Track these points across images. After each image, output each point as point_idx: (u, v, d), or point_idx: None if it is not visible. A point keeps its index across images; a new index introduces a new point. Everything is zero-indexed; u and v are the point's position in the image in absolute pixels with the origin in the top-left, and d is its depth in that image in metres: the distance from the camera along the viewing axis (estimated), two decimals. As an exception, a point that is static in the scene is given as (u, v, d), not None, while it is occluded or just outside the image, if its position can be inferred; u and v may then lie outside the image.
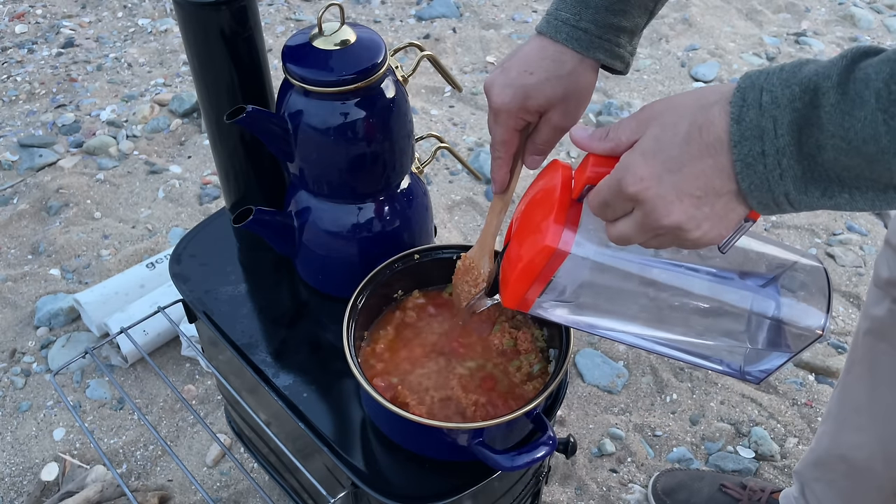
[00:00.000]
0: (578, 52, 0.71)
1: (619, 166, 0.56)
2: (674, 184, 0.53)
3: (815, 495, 1.10)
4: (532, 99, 0.72)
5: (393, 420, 0.82)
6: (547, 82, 0.72)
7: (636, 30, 0.74)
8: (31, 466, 1.39)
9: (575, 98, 0.73)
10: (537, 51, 0.72)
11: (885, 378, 0.92)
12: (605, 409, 1.49)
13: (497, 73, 0.74)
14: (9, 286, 1.71)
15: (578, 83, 0.73)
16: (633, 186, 0.54)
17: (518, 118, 0.74)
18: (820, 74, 0.48)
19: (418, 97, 2.27)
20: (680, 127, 0.53)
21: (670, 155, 0.53)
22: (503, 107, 0.73)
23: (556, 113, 0.74)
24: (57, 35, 2.57)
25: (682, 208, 0.53)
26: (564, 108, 0.73)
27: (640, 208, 0.55)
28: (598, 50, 0.72)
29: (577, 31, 0.71)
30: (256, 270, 1.06)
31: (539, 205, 0.68)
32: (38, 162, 2.04)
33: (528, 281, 0.66)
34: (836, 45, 2.53)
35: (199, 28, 0.86)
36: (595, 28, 0.71)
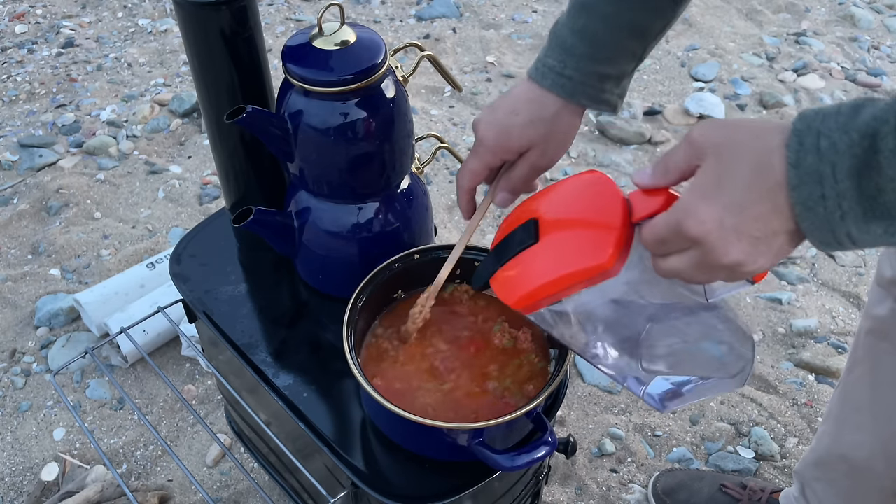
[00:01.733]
0: (562, 98, 0.75)
1: (680, 207, 0.56)
2: (735, 226, 0.53)
3: (816, 495, 1.10)
4: (514, 138, 0.76)
5: (393, 420, 0.82)
6: (530, 124, 0.75)
7: (623, 75, 0.76)
8: (31, 466, 1.39)
9: (555, 140, 0.77)
10: (524, 93, 0.76)
11: (886, 378, 0.92)
12: (605, 409, 1.49)
13: (486, 112, 0.78)
14: (9, 286, 1.71)
15: (559, 127, 0.77)
16: (694, 230, 0.54)
17: (497, 155, 0.77)
18: (878, 119, 0.49)
19: (418, 97, 2.27)
20: (740, 170, 0.53)
21: (732, 199, 0.53)
22: (484, 142, 0.77)
23: (535, 153, 0.77)
24: (57, 35, 2.57)
25: (742, 248, 0.54)
26: (544, 149, 0.77)
27: (699, 248, 0.55)
28: (582, 96, 0.75)
29: (561, 78, 0.74)
30: (256, 270, 1.06)
31: (586, 211, 0.66)
32: (38, 162, 2.04)
33: (560, 288, 0.64)
34: (836, 45, 2.53)
35: (199, 28, 0.86)
36: (579, 75, 0.74)
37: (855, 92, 2.33)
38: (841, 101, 0.52)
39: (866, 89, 2.34)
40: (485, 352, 0.88)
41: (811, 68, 2.40)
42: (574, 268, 0.63)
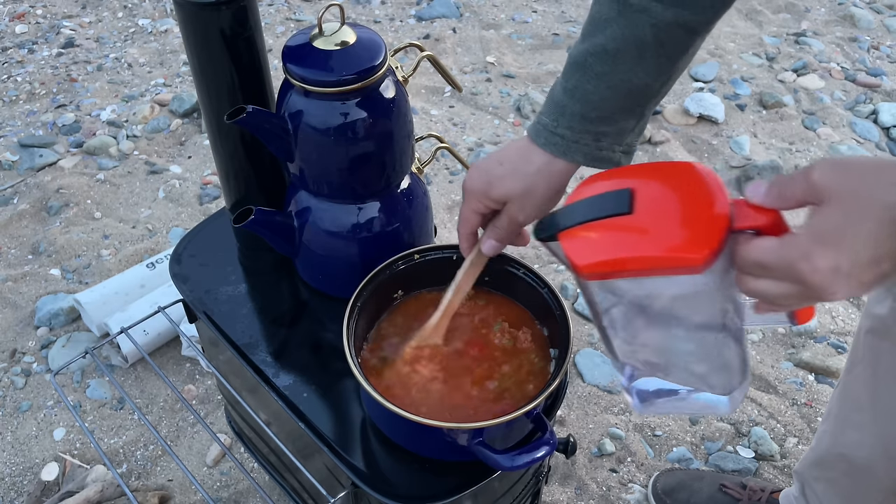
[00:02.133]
0: (555, 156, 0.75)
1: (795, 245, 0.55)
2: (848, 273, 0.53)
3: (816, 495, 1.11)
4: (494, 188, 0.77)
5: (393, 420, 0.82)
6: (510, 176, 0.76)
7: (623, 132, 0.75)
8: (32, 466, 1.39)
9: (535, 196, 0.77)
10: (516, 148, 0.77)
11: (886, 377, 0.92)
12: (605, 409, 1.49)
13: (483, 159, 0.79)
14: (9, 286, 1.71)
15: (540, 182, 0.76)
16: (807, 275, 0.54)
17: (480, 203, 0.78)
18: None
19: (418, 97, 2.27)
20: (865, 225, 0.53)
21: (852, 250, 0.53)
22: (469, 189, 0.78)
23: (513, 206, 0.77)
24: (57, 35, 2.57)
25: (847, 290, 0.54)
26: (523, 202, 0.77)
27: (802, 286, 0.55)
28: (576, 154, 0.75)
29: (553, 136, 0.74)
30: (256, 270, 1.06)
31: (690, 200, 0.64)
32: (39, 162, 2.04)
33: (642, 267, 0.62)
34: (836, 45, 2.53)
35: (200, 28, 0.86)
36: (571, 133, 0.74)
37: (855, 92, 2.33)
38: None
39: (866, 89, 2.34)
40: (485, 352, 0.88)
41: (811, 68, 2.40)
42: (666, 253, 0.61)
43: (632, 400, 0.71)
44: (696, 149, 2.13)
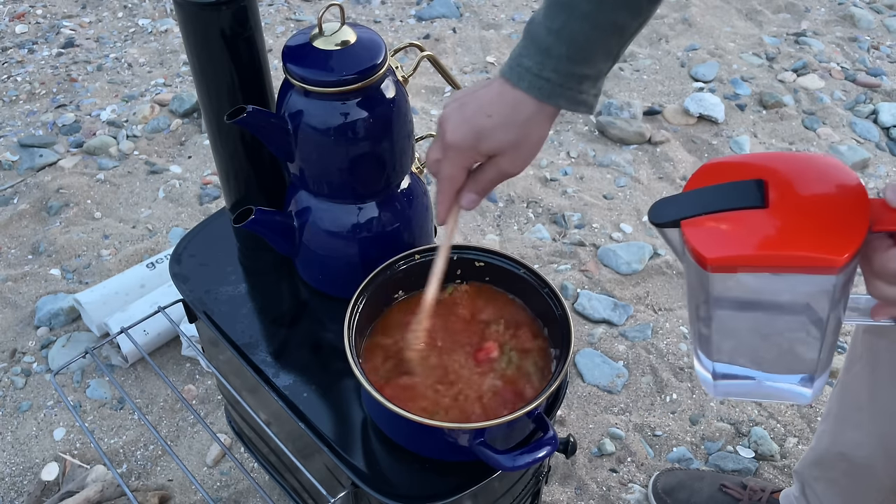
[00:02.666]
0: (540, 101, 0.71)
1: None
2: None
3: (816, 494, 1.11)
4: (485, 141, 0.73)
5: (394, 421, 0.82)
6: (502, 127, 0.72)
7: (600, 75, 0.73)
8: (32, 466, 1.39)
9: (526, 146, 0.74)
10: (497, 94, 0.72)
11: (885, 375, 0.92)
12: (605, 409, 1.49)
13: (454, 108, 0.74)
14: (9, 286, 1.71)
15: (533, 131, 0.73)
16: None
17: (468, 157, 0.74)
18: None
19: (418, 97, 2.27)
20: None
21: None
22: (455, 144, 0.73)
23: (505, 158, 0.74)
24: (57, 35, 2.57)
25: None
26: (515, 154, 0.74)
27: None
28: (560, 98, 0.72)
29: (539, 80, 0.71)
30: (256, 270, 1.06)
31: (828, 197, 0.62)
32: (39, 162, 2.04)
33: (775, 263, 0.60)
34: (836, 45, 2.53)
35: (200, 28, 0.86)
36: (557, 77, 0.71)
37: (854, 92, 2.33)
38: None
39: (866, 89, 2.34)
40: (484, 352, 0.88)
41: (811, 68, 2.40)
42: (803, 252, 0.59)
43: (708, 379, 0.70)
44: (696, 149, 2.13)
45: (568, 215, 1.89)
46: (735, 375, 0.71)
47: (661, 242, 1.82)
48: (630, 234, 1.85)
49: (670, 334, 1.62)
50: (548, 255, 1.79)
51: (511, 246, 1.81)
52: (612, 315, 1.65)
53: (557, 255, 1.79)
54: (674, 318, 1.66)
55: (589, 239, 1.83)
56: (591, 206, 1.92)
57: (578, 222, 1.88)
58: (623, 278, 1.74)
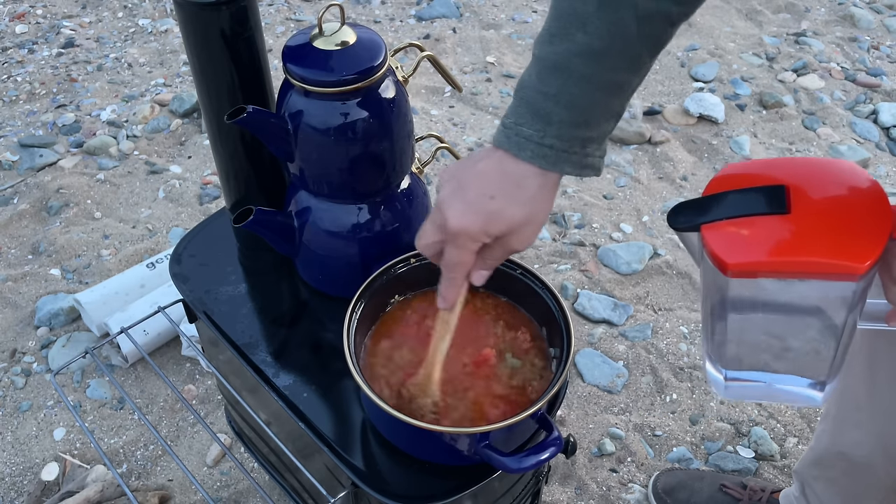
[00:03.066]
0: (544, 170, 0.67)
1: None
2: None
3: (816, 494, 1.11)
4: (494, 225, 0.69)
5: (397, 426, 0.82)
6: (507, 208, 0.68)
7: (604, 136, 0.70)
8: (32, 466, 1.39)
9: (535, 221, 0.70)
10: (498, 170, 0.68)
11: (884, 375, 0.92)
12: (604, 409, 1.49)
13: (452, 190, 0.69)
14: (9, 286, 1.71)
15: (540, 206, 0.69)
16: None
17: (478, 242, 0.70)
18: None
19: (418, 97, 2.27)
20: None
21: None
22: (462, 231, 0.69)
23: (513, 237, 0.70)
24: (57, 35, 2.57)
25: None
26: (524, 231, 0.70)
27: None
28: (566, 164, 0.68)
29: (541, 149, 0.66)
30: (256, 270, 1.06)
31: (850, 203, 0.62)
32: (39, 162, 2.04)
33: (796, 269, 0.60)
34: (836, 45, 2.53)
35: (200, 28, 0.86)
36: (560, 143, 0.67)
37: (854, 92, 2.33)
38: None
39: (866, 89, 2.34)
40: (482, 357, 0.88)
41: (811, 68, 2.40)
42: (825, 258, 0.58)
43: (720, 381, 0.69)
44: (696, 149, 2.13)
45: (568, 215, 1.89)
46: (747, 378, 0.70)
47: (661, 242, 1.82)
48: (630, 234, 1.85)
49: (670, 334, 1.62)
50: (548, 255, 1.79)
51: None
52: (612, 315, 1.65)
53: (557, 255, 1.79)
54: (674, 318, 1.66)
55: (589, 239, 1.83)
56: (591, 206, 1.92)
57: (578, 222, 1.88)
58: (623, 278, 1.74)
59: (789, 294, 0.63)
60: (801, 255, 0.59)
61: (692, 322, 1.65)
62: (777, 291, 0.63)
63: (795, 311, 0.65)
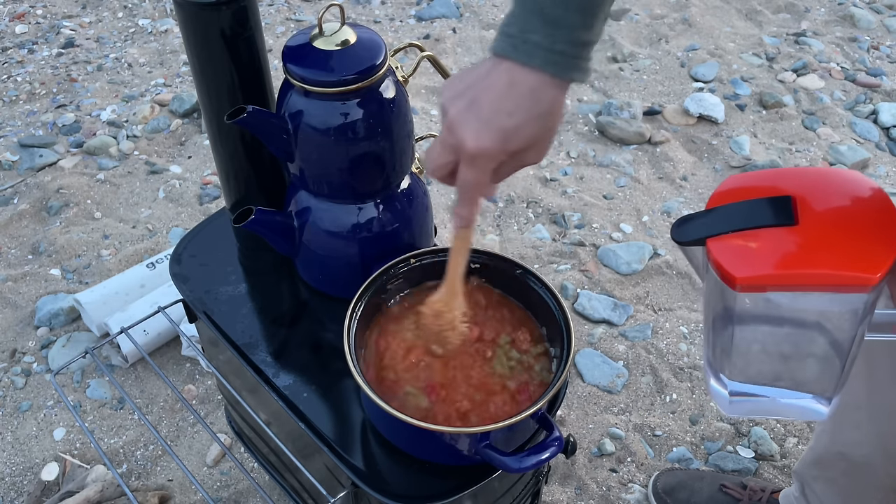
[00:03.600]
0: (556, 77, 0.65)
1: None
2: None
3: (816, 494, 1.11)
4: (512, 142, 0.66)
5: (395, 424, 0.82)
6: (527, 123, 0.66)
7: (597, 40, 0.68)
8: (32, 466, 1.39)
9: (550, 134, 0.69)
10: (508, 83, 0.65)
11: (882, 374, 0.92)
12: (604, 409, 1.49)
13: (463, 107, 0.66)
14: (9, 286, 1.71)
15: (555, 117, 0.68)
16: None
17: (496, 161, 0.68)
18: None
19: (418, 97, 2.27)
20: None
21: None
22: (483, 152, 0.66)
23: (531, 153, 0.69)
24: (57, 35, 2.57)
25: None
26: (540, 145, 0.69)
27: None
28: (574, 70, 0.66)
29: (552, 55, 0.64)
30: (256, 270, 1.06)
31: (858, 214, 0.61)
32: (39, 162, 2.04)
33: (806, 282, 0.59)
34: (836, 45, 2.53)
35: (200, 28, 0.86)
36: (570, 48, 0.65)
37: (854, 92, 2.33)
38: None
39: (866, 89, 2.34)
40: (484, 354, 0.88)
41: (811, 68, 2.40)
42: (836, 271, 0.57)
43: (724, 396, 0.69)
44: (695, 149, 2.13)
45: (568, 215, 1.89)
46: (751, 393, 0.70)
47: (660, 242, 1.82)
48: (630, 234, 1.85)
49: (670, 334, 1.62)
50: (548, 255, 1.79)
51: (511, 246, 1.81)
52: (612, 315, 1.65)
53: (557, 255, 1.79)
54: (674, 318, 1.66)
55: (589, 239, 1.83)
56: (591, 206, 1.92)
57: (578, 222, 1.88)
58: (623, 278, 1.74)
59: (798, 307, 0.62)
60: (810, 267, 0.58)
61: (692, 322, 1.65)
62: (786, 305, 0.62)
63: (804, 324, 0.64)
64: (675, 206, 1.92)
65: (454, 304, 0.82)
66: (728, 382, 0.69)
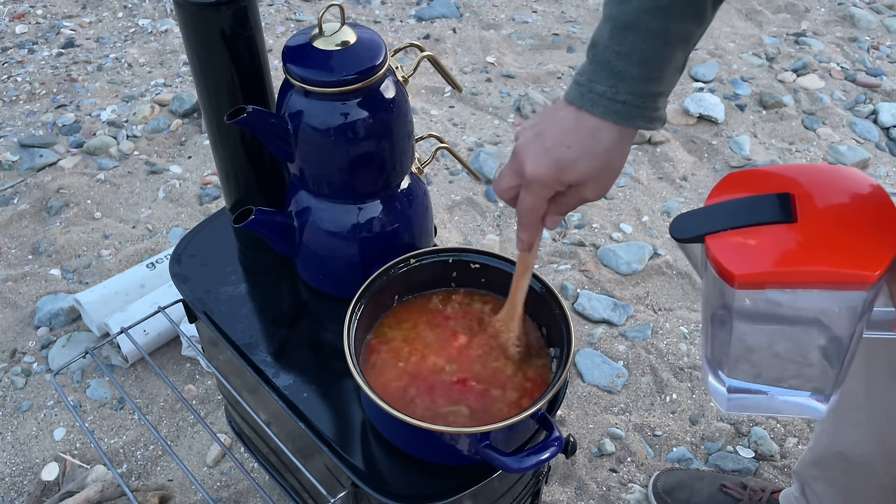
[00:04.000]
0: (617, 124, 0.70)
1: None
2: None
3: (816, 494, 1.11)
4: (568, 173, 0.72)
5: (395, 424, 0.82)
6: (583, 158, 0.71)
7: (670, 89, 0.73)
8: (32, 466, 1.39)
9: (609, 172, 0.73)
10: (574, 123, 0.71)
11: (881, 373, 0.92)
12: (604, 409, 1.49)
13: (530, 138, 0.72)
14: (9, 286, 1.71)
15: (614, 158, 0.72)
16: None
17: (552, 190, 0.73)
18: None
19: (418, 97, 2.27)
20: None
21: None
22: (538, 178, 0.72)
23: (588, 187, 0.73)
24: (57, 35, 2.57)
25: None
26: (598, 182, 0.73)
27: None
28: (638, 119, 0.71)
29: (615, 104, 0.69)
30: (256, 270, 1.06)
31: (858, 211, 0.61)
32: (39, 162, 2.04)
33: (806, 280, 0.59)
34: (836, 46, 2.53)
35: (200, 28, 0.86)
36: (633, 98, 0.69)
37: (854, 92, 2.33)
38: None
39: (866, 89, 2.34)
40: (484, 354, 0.88)
41: (811, 68, 2.40)
42: (835, 268, 0.58)
43: (722, 393, 0.69)
44: (695, 149, 2.13)
45: (568, 215, 1.89)
46: (749, 390, 0.70)
47: (660, 242, 1.82)
48: (630, 234, 1.85)
49: (670, 334, 1.63)
50: (548, 255, 1.79)
51: (511, 246, 1.81)
52: (612, 315, 1.65)
53: (557, 255, 1.79)
54: (674, 318, 1.66)
55: (589, 239, 1.83)
56: (591, 206, 1.92)
57: (578, 222, 1.88)
58: (623, 278, 1.74)
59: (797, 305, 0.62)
60: (810, 264, 0.58)
61: (692, 322, 1.65)
62: (784, 302, 0.62)
63: (803, 322, 0.64)
64: (675, 206, 1.92)
65: (511, 326, 0.87)
66: (726, 380, 0.69)
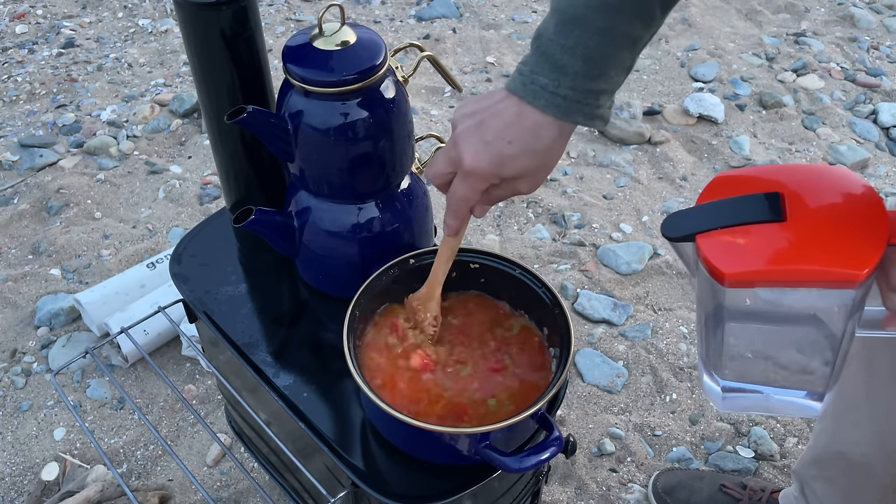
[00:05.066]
0: (557, 119, 0.70)
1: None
2: None
3: (815, 494, 1.11)
4: (507, 168, 0.72)
5: (395, 424, 0.82)
6: (523, 155, 0.71)
7: (615, 88, 0.72)
8: (32, 466, 1.39)
9: (546, 169, 0.74)
10: (515, 116, 0.70)
11: (881, 373, 0.92)
12: (604, 409, 1.49)
13: (470, 128, 0.72)
14: (9, 286, 1.71)
15: (553, 155, 0.72)
16: None
17: (488, 182, 0.73)
18: None
19: (418, 97, 2.27)
20: None
21: None
22: (476, 171, 0.72)
23: (523, 182, 0.74)
24: (57, 35, 2.57)
25: None
26: (534, 178, 0.74)
27: None
28: (578, 114, 0.70)
29: (555, 98, 0.69)
30: (256, 270, 1.06)
31: (847, 210, 0.61)
32: (39, 162, 2.04)
33: (795, 278, 0.59)
34: (836, 46, 2.53)
35: (200, 28, 0.86)
36: (574, 94, 0.69)
37: (854, 92, 2.33)
38: None
39: (866, 89, 2.34)
40: (484, 354, 0.88)
41: (811, 68, 2.40)
42: (823, 266, 0.58)
43: (717, 392, 0.69)
44: (695, 149, 2.13)
45: (568, 215, 1.89)
46: (743, 389, 0.70)
47: (660, 242, 1.82)
48: (630, 234, 1.85)
49: (670, 334, 1.63)
50: (548, 255, 1.79)
51: (511, 246, 1.81)
52: (612, 315, 1.65)
53: (557, 255, 1.79)
54: (674, 318, 1.66)
55: (589, 239, 1.83)
56: (591, 206, 1.92)
57: (578, 222, 1.88)
58: (623, 278, 1.74)
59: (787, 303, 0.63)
60: (799, 263, 0.59)
61: (692, 322, 1.65)
62: (775, 301, 0.62)
63: (794, 321, 0.65)
64: (674, 207, 1.92)
65: (428, 307, 0.87)
66: (720, 379, 0.69)
